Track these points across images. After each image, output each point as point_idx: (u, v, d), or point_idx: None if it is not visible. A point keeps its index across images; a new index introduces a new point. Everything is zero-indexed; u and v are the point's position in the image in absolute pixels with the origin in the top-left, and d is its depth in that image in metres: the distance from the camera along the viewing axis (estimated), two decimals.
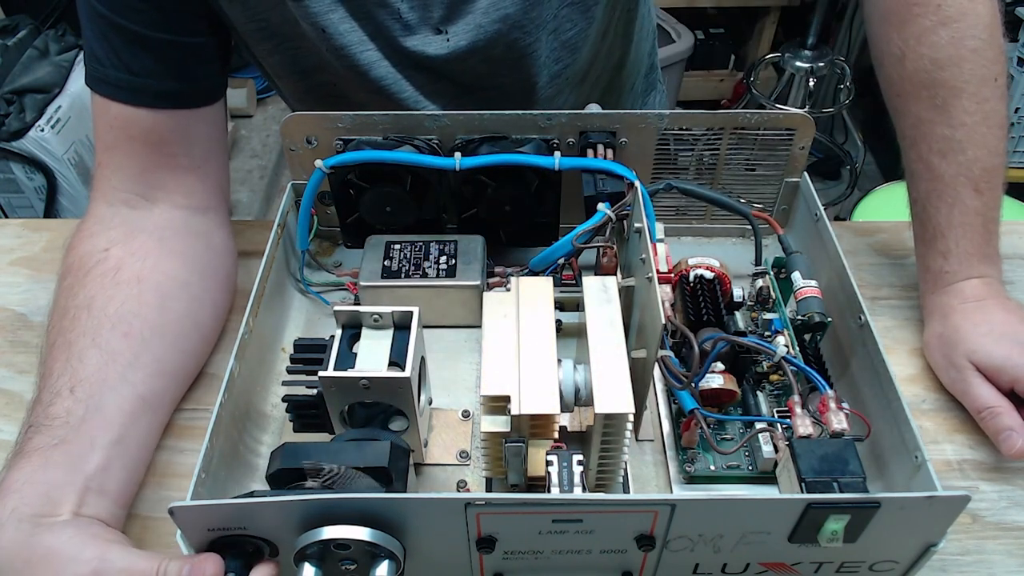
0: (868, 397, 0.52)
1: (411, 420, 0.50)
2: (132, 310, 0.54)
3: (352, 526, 0.39)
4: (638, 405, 0.47)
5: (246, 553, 0.41)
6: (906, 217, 0.63)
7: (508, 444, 0.44)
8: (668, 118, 0.61)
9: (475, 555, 0.43)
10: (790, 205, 0.67)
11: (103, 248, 0.57)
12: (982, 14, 0.56)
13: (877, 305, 0.65)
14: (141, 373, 0.52)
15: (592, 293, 0.50)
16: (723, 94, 2.17)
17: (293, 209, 0.64)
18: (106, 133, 0.59)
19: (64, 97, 1.55)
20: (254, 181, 2.06)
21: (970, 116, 0.56)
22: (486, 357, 0.46)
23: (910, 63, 0.57)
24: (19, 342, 0.64)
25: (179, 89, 0.59)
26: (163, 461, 0.54)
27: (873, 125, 2.00)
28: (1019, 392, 0.53)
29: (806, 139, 0.63)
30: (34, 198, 1.56)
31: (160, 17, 0.56)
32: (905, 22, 0.57)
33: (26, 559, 0.42)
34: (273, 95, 2.28)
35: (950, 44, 0.56)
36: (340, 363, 0.48)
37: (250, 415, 0.54)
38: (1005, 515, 0.52)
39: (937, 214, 0.58)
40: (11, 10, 1.74)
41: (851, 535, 0.41)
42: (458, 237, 0.63)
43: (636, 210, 0.54)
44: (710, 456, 0.53)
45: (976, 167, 0.56)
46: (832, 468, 0.44)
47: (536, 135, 0.61)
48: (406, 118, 0.61)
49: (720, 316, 0.55)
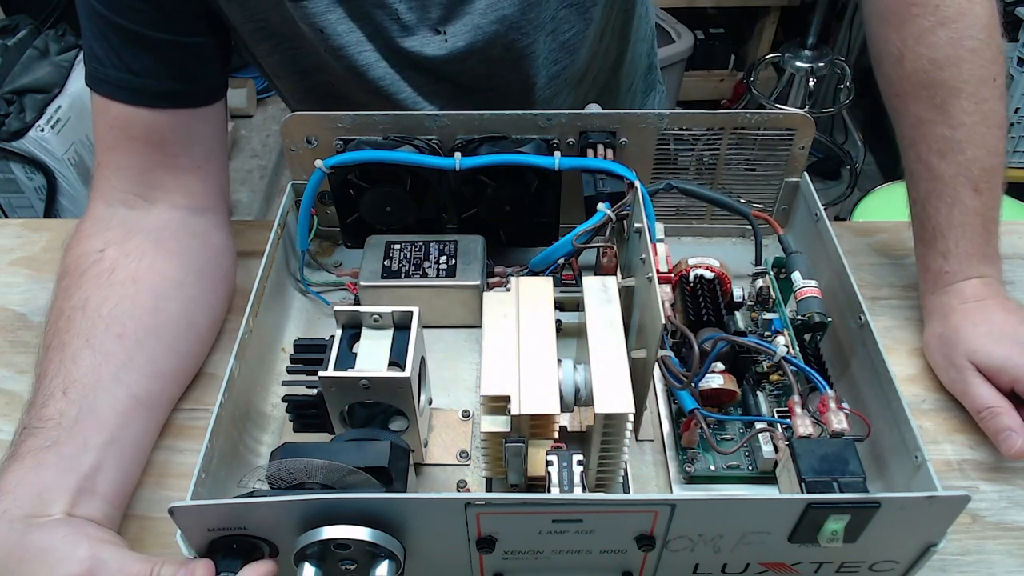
0: (868, 397, 0.52)
1: (411, 420, 0.50)
2: (126, 311, 0.54)
3: (352, 526, 0.39)
4: (638, 405, 0.47)
5: (246, 553, 0.41)
6: (906, 217, 0.63)
7: (508, 444, 0.44)
8: (668, 118, 0.61)
9: (475, 555, 0.43)
10: (790, 205, 0.67)
11: (99, 249, 0.57)
12: (980, 14, 0.56)
13: (877, 305, 0.65)
14: (135, 374, 0.52)
15: (592, 293, 0.50)
16: (723, 94, 2.17)
17: (293, 209, 0.64)
18: (106, 133, 0.59)
19: (64, 97, 1.55)
20: (254, 181, 2.06)
21: (969, 116, 0.56)
22: (486, 357, 0.46)
23: (909, 63, 0.57)
24: (19, 342, 0.64)
25: (179, 89, 0.59)
26: (163, 461, 0.54)
27: (873, 125, 2.00)
28: (1019, 392, 0.53)
29: (806, 139, 0.63)
30: (34, 198, 1.56)
31: (160, 17, 0.56)
32: (904, 22, 0.57)
33: (19, 558, 0.42)
34: (273, 95, 2.28)
35: (948, 44, 0.56)
36: (340, 363, 0.48)
37: (250, 415, 0.54)
38: (1005, 515, 0.52)
39: (937, 214, 0.58)
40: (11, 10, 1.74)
41: (851, 535, 0.41)
42: (458, 237, 0.63)
43: (636, 210, 0.54)
44: (710, 456, 0.53)
45: (975, 167, 0.56)
46: (832, 468, 0.44)
47: (536, 135, 0.61)
48: (406, 118, 0.61)
49: (720, 316, 0.55)
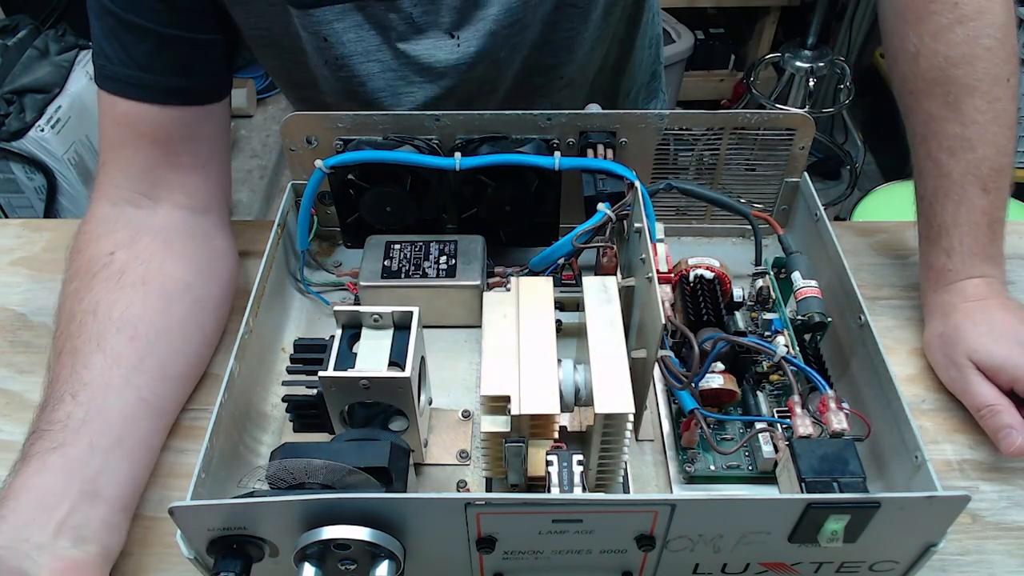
0: (868, 397, 0.52)
1: (411, 420, 0.50)
2: (137, 314, 0.54)
3: (352, 526, 0.39)
4: (638, 405, 0.47)
5: (246, 553, 0.41)
6: (906, 217, 0.63)
7: (508, 444, 0.44)
8: (668, 118, 0.61)
9: (475, 555, 0.43)
10: (790, 205, 0.67)
11: (108, 252, 0.57)
12: (998, 13, 0.56)
13: (877, 305, 0.65)
14: (145, 376, 0.52)
15: (592, 293, 0.50)
16: (723, 94, 2.17)
17: (293, 209, 0.64)
18: (111, 131, 0.59)
19: (64, 97, 1.55)
20: (254, 181, 2.06)
21: (981, 114, 0.56)
22: (486, 357, 0.46)
23: (924, 60, 0.57)
24: (19, 342, 0.64)
25: (186, 85, 0.59)
26: (164, 461, 0.54)
27: (873, 125, 2.00)
28: (1019, 392, 0.53)
29: (806, 139, 0.63)
30: (34, 198, 1.56)
31: (171, 13, 0.57)
32: (922, 19, 0.57)
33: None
34: (273, 95, 2.29)
35: (965, 42, 0.56)
36: (340, 363, 0.48)
37: (250, 415, 0.54)
38: (1005, 515, 0.52)
39: (943, 211, 0.58)
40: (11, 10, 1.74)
41: (851, 535, 0.41)
42: (458, 237, 0.63)
43: (636, 210, 0.54)
44: (710, 456, 0.53)
45: (985, 166, 0.56)
46: (832, 468, 0.44)
47: (536, 135, 0.61)
48: (406, 118, 0.61)
49: (720, 316, 0.55)
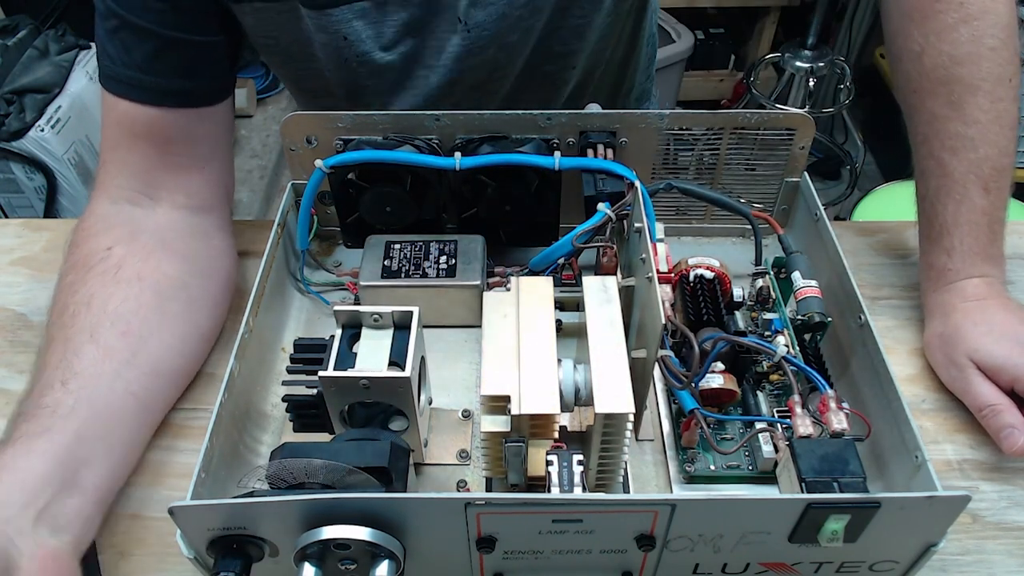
0: (868, 397, 0.52)
1: (411, 420, 0.50)
2: (131, 309, 0.54)
3: (352, 526, 0.39)
4: (638, 405, 0.47)
5: (246, 553, 0.41)
6: (906, 217, 0.63)
7: (508, 444, 0.44)
8: (668, 118, 0.61)
9: (475, 555, 0.43)
10: (790, 205, 0.67)
11: (106, 247, 0.57)
12: (1003, 13, 0.56)
13: (877, 305, 0.65)
14: (135, 371, 0.52)
15: (592, 293, 0.50)
16: (723, 94, 2.17)
17: (293, 209, 0.64)
18: (113, 131, 0.59)
19: (64, 97, 1.55)
20: (254, 181, 2.06)
21: (984, 114, 0.56)
22: (486, 357, 0.46)
23: (928, 59, 0.57)
24: (19, 342, 0.64)
25: (188, 87, 0.59)
26: (163, 461, 0.54)
27: (873, 125, 2.00)
28: (1019, 392, 0.53)
29: (806, 139, 0.63)
30: (34, 198, 1.56)
31: (175, 15, 0.57)
32: (927, 18, 0.57)
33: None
34: (273, 95, 2.29)
35: (970, 41, 0.56)
36: (340, 363, 0.48)
37: (250, 415, 0.54)
38: (1005, 515, 0.52)
39: (944, 211, 0.58)
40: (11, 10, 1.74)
41: (851, 535, 0.41)
42: (458, 237, 0.63)
43: (636, 210, 0.54)
44: (710, 456, 0.53)
45: (986, 166, 0.56)
46: (832, 468, 0.44)
47: (536, 135, 0.61)
48: (406, 118, 0.61)
49: (720, 316, 0.55)
